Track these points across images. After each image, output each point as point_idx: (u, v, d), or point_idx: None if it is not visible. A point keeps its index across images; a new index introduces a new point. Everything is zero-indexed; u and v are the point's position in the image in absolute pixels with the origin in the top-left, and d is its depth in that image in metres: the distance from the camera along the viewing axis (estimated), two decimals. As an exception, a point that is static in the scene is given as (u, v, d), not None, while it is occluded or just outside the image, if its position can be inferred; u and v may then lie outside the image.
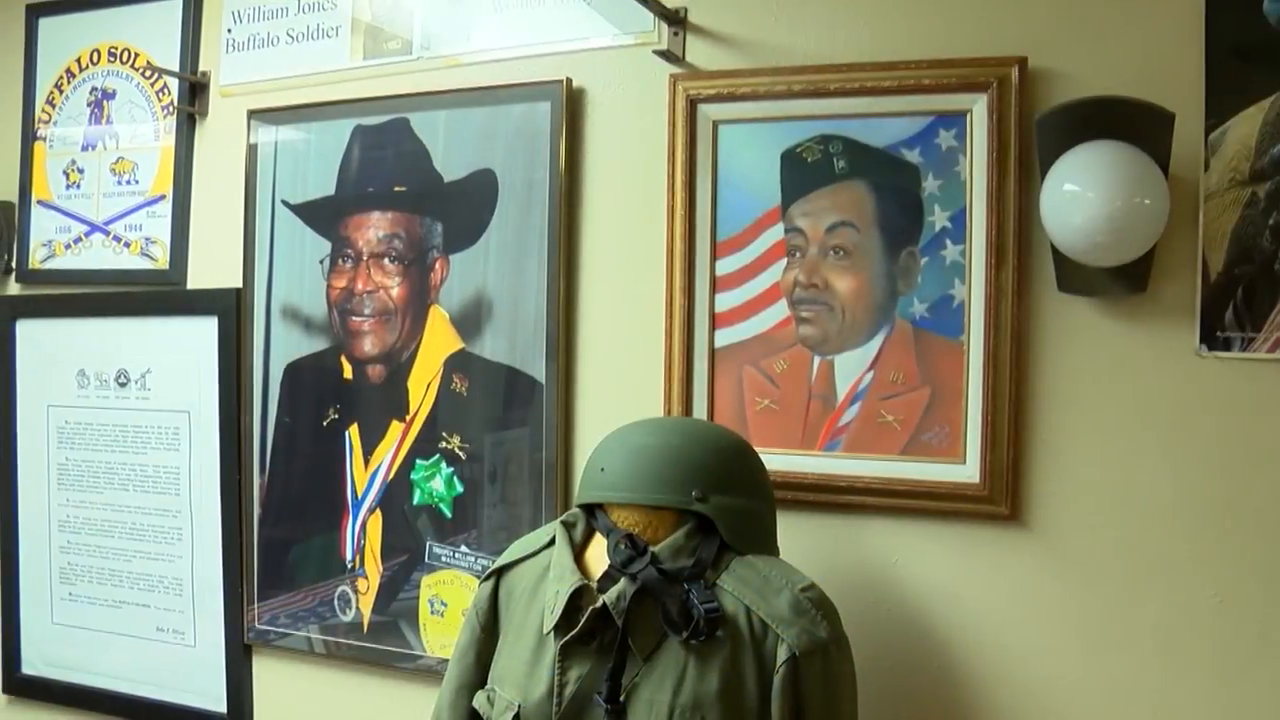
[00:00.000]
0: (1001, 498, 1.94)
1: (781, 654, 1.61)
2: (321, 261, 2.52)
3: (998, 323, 1.93)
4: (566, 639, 1.65)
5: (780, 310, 2.08)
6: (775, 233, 2.08)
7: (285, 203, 2.58)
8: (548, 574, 1.75)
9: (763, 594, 1.65)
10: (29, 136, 3.03)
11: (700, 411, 2.13)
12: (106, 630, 2.91)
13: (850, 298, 2.03)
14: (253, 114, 2.64)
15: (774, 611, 1.63)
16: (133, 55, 2.87)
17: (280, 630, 2.60)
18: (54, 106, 3.00)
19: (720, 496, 1.70)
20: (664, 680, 1.61)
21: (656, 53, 2.18)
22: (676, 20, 2.18)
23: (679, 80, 2.15)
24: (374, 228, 2.46)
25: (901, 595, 2.02)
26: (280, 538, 2.61)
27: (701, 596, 1.62)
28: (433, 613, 2.39)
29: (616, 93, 2.26)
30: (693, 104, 2.14)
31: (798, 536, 2.00)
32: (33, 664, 3.03)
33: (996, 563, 1.97)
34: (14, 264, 3.05)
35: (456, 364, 2.36)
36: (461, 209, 2.36)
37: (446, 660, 2.29)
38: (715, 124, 2.13)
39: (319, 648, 2.55)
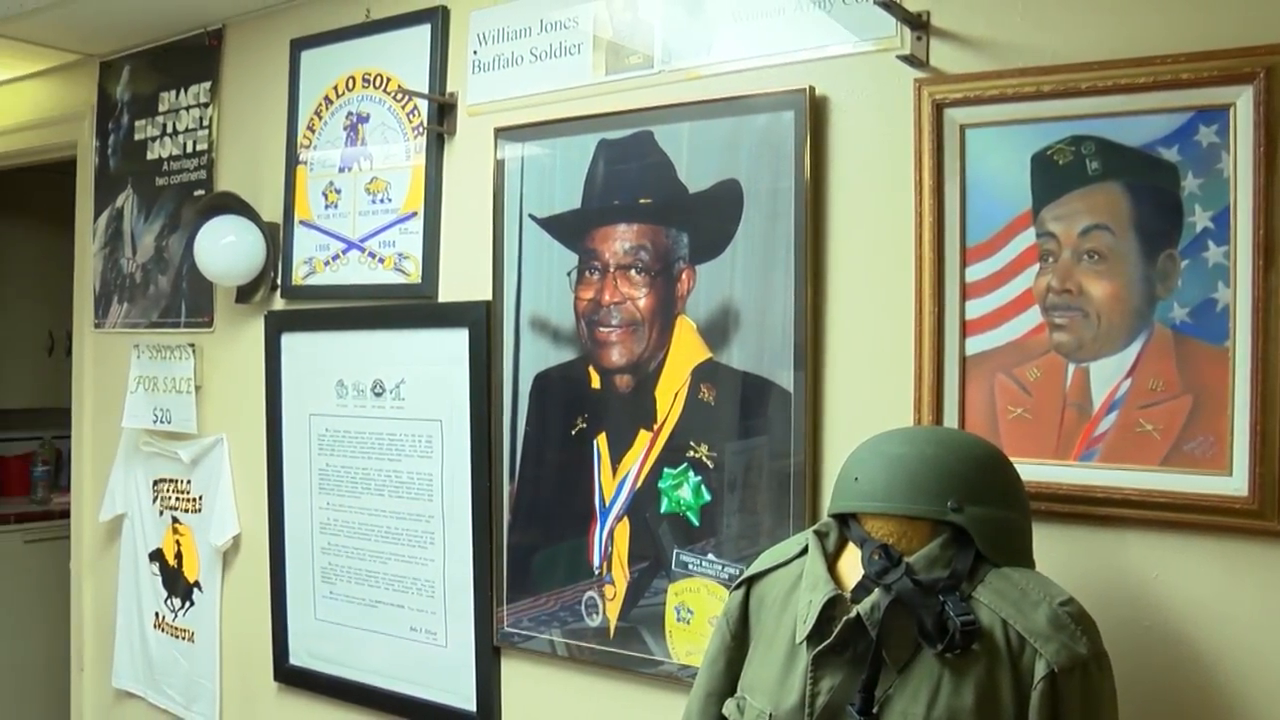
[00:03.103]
0: (1273, 512, 1.84)
1: (1039, 670, 1.57)
2: (569, 273, 2.58)
3: (1267, 327, 1.83)
4: (819, 649, 1.65)
5: (1033, 317, 2.03)
6: (1026, 238, 2.03)
7: (532, 217, 2.65)
8: (800, 583, 1.75)
9: (1020, 607, 1.61)
10: (292, 161, 3.20)
11: (951, 420, 2.10)
12: (363, 628, 3.05)
13: (1106, 303, 1.96)
14: (499, 131, 2.72)
15: (1032, 626, 1.60)
16: (385, 80, 3.00)
17: (524, 633, 2.67)
18: (314, 132, 3.16)
19: (976, 507, 1.67)
20: (918, 693, 1.59)
21: (900, 58, 2.15)
22: (919, 24, 2.15)
23: (924, 85, 2.12)
24: (620, 239, 2.50)
25: (1162, 613, 1.94)
26: (528, 543, 2.68)
27: (957, 609, 1.59)
28: (679, 620, 2.42)
29: (860, 99, 2.24)
30: (938, 108, 2.10)
31: (1051, 549, 1.94)
32: (299, 656, 3.20)
33: (1268, 581, 1.86)
34: (279, 280, 3.23)
35: (704, 373, 2.38)
36: (707, 219, 2.37)
37: (689, 667, 2.33)
38: (962, 128, 2.09)
39: (561, 650, 2.61)
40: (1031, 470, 1.97)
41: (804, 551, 1.79)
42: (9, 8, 3.29)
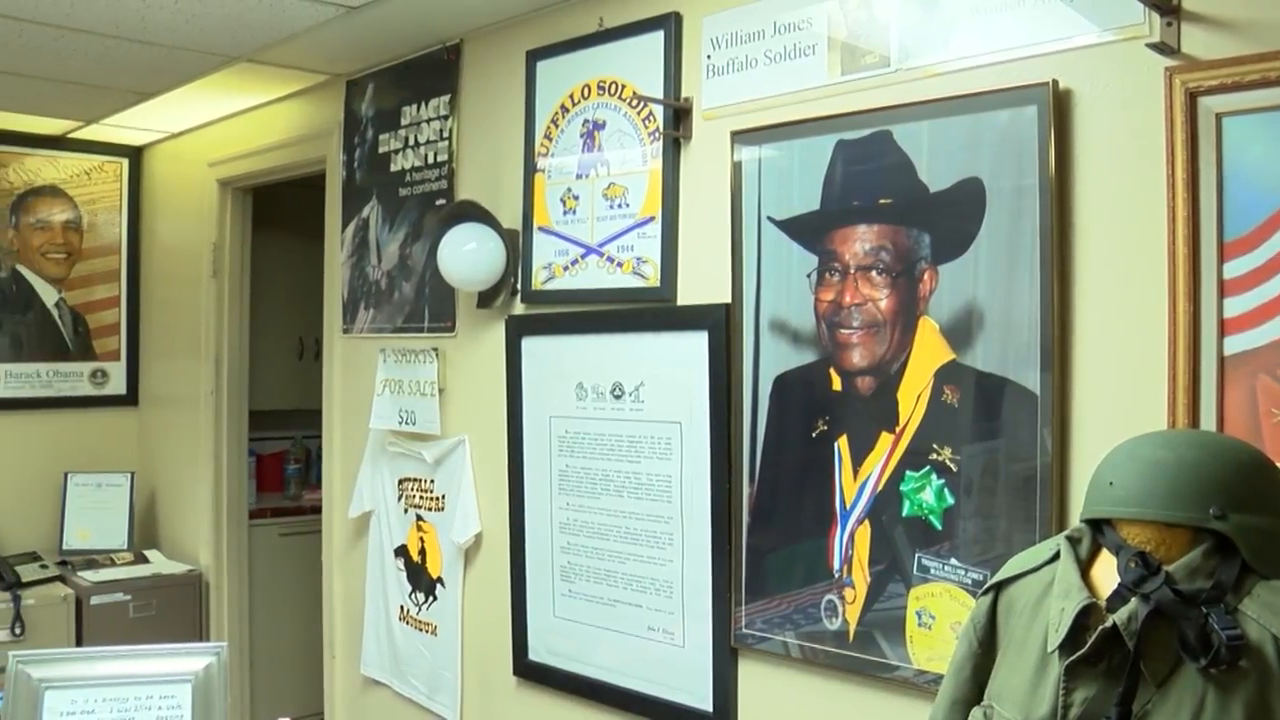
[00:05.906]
0: None
1: None
2: (809, 275, 2.57)
3: None
4: (1073, 659, 1.60)
5: (1300, 315, 1.93)
6: (1292, 230, 1.93)
7: (771, 219, 2.65)
8: (1051, 590, 1.70)
9: (1293, 623, 1.53)
10: (530, 169, 3.29)
11: (1208, 423, 2.00)
12: (601, 626, 3.10)
13: (1386, 300, 1.85)
14: (735, 135, 2.73)
15: (1307, 644, 1.51)
16: (620, 87, 3.06)
17: (759, 634, 2.68)
18: (550, 140, 3.24)
19: (1241, 515, 1.59)
20: (1179, 711, 1.52)
21: (1149, 46, 2.07)
22: (1169, 9, 2.05)
23: (1175, 73, 2.04)
24: (860, 240, 2.48)
25: None
26: (767, 545, 2.68)
27: (1222, 621, 1.51)
28: (920, 625, 2.38)
29: (1106, 91, 2.17)
30: (1191, 97, 2.01)
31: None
32: (537, 652, 3.29)
33: None
34: (519, 285, 3.32)
35: (947, 375, 2.34)
36: (948, 219, 2.34)
37: (928, 673, 2.31)
38: (1218, 117, 2.00)
39: (795, 652, 2.61)
40: (1297, 477, 1.87)
41: (1055, 557, 1.74)
42: (269, 35, 3.49)
